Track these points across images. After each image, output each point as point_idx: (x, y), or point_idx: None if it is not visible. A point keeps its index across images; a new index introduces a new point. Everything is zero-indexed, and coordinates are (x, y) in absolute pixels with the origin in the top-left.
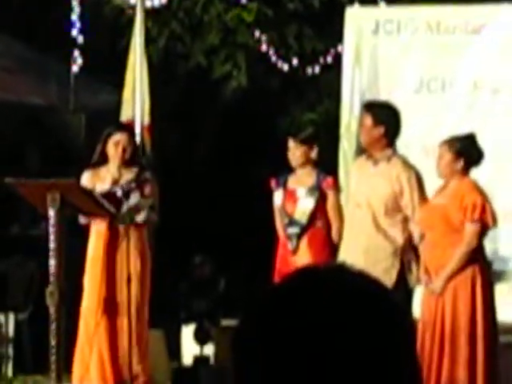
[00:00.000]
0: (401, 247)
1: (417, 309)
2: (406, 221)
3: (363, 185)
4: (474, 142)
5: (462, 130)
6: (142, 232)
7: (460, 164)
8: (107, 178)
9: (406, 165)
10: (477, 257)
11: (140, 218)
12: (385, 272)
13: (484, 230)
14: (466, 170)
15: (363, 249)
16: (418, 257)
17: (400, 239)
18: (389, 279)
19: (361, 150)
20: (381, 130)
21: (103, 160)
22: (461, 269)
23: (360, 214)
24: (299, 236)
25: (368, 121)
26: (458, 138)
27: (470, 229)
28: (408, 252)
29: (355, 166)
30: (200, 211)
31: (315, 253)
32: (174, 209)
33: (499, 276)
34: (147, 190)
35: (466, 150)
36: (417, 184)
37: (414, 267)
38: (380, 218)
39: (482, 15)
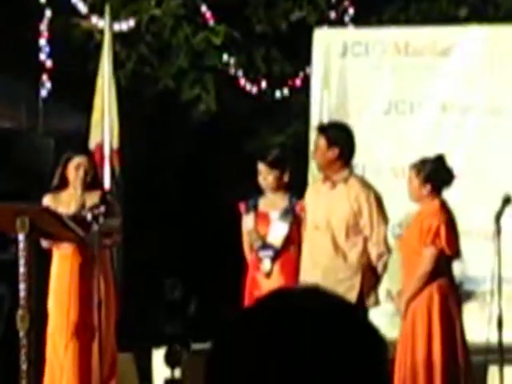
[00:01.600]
0: (360, 268)
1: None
2: (365, 241)
3: (321, 207)
4: (443, 164)
5: (430, 151)
6: (107, 255)
7: (427, 188)
8: (71, 201)
9: (364, 185)
10: (435, 279)
11: (108, 240)
12: (345, 293)
13: (442, 253)
14: (435, 193)
15: (323, 270)
16: (376, 277)
17: (360, 260)
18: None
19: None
20: (335, 151)
21: (63, 184)
22: (419, 292)
23: (318, 236)
24: (273, 259)
25: (322, 143)
26: (426, 161)
27: (425, 252)
28: (367, 273)
29: (311, 190)
30: (170, 234)
31: (288, 276)
32: (144, 232)
33: (469, 296)
34: (111, 212)
35: (434, 174)
36: (376, 203)
37: (372, 288)
38: (339, 240)
39: (450, 37)
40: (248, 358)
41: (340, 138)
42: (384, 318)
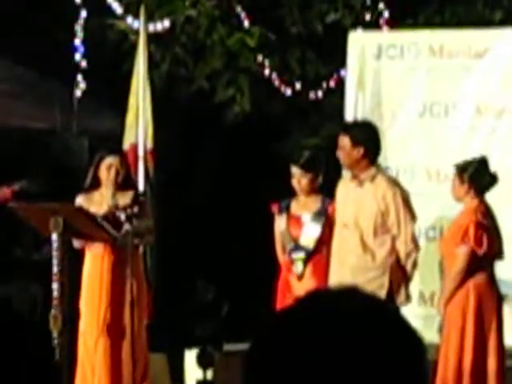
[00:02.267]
0: (389, 267)
1: None
2: (393, 240)
3: (350, 205)
4: (486, 166)
5: (464, 153)
6: (138, 255)
7: (469, 190)
8: (103, 201)
9: (391, 183)
10: (470, 279)
11: (139, 240)
12: (374, 292)
13: (473, 252)
14: (476, 194)
15: (351, 269)
16: (405, 276)
17: (388, 259)
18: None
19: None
20: (360, 150)
21: (96, 184)
22: (454, 292)
23: (347, 235)
24: (305, 261)
25: (347, 142)
26: (470, 163)
27: (456, 252)
28: (396, 271)
29: (340, 187)
30: (203, 235)
31: (320, 278)
32: (177, 233)
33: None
34: (144, 213)
35: (477, 176)
36: (402, 202)
37: (402, 287)
38: (368, 239)
39: (485, 40)
40: (287, 359)
41: (364, 136)
42: (417, 320)
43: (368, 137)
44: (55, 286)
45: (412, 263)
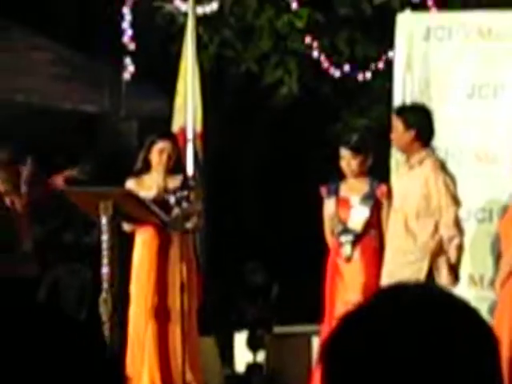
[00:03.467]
0: (431, 251)
1: None
2: (436, 224)
3: (399, 189)
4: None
5: None
6: (189, 239)
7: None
8: (153, 185)
9: (436, 167)
10: None
11: (189, 224)
12: (412, 275)
13: None
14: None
15: (392, 251)
16: (448, 260)
17: (429, 242)
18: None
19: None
20: (412, 133)
21: (146, 168)
22: (509, 276)
23: (394, 218)
24: (353, 244)
25: (399, 125)
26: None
27: None
28: (438, 255)
29: (394, 171)
30: (252, 218)
31: (368, 261)
32: (226, 216)
33: None
34: (194, 196)
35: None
36: (444, 186)
37: (443, 271)
38: (411, 222)
39: None
40: (367, 354)
41: (417, 119)
42: (477, 303)
43: (420, 120)
44: (105, 269)
45: (456, 247)
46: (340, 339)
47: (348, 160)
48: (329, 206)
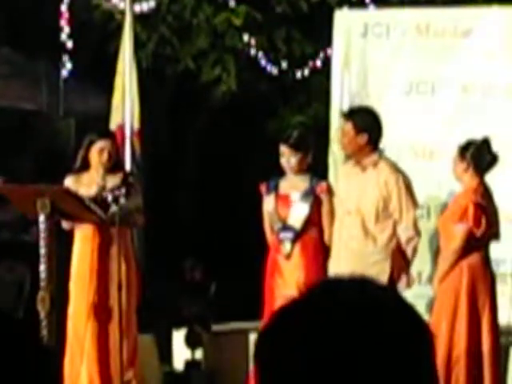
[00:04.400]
0: (390, 252)
1: None
2: (395, 226)
3: (352, 191)
4: (488, 147)
5: (451, 132)
6: (128, 236)
7: (470, 170)
8: (92, 184)
9: (394, 169)
10: (464, 258)
11: (127, 220)
12: (375, 277)
13: (472, 233)
14: (477, 175)
15: (353, 255)
16: (406, 261)
17: (389, 244)
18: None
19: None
20: (364, 137)
21: (85, 166)
22: (449, 271)
23: (349, 220)
24: (293, 241)
25: (350, 129)
26: (471, 144)
27: (454, 230)
28: (397, 257)
29: (342, 173)
30: (190, 215)
31: (308, 258)
32: (165, 212)
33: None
34: (133, 193)
35: (478, 156)
36: (405, 188)
37: (403, 272)
38: (369, 224)
39: (472, 18)
40: (295, 351)
41: (368, 123)
42: (414, 300)
43: (371, 123)
44: (42, 267)
45: (412, 249)
46: (272, 333)
47: (288, 157)
48: (268, 203)
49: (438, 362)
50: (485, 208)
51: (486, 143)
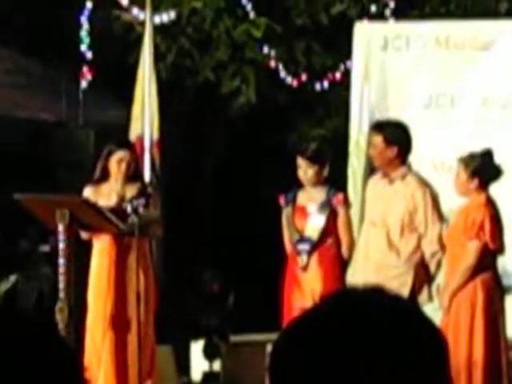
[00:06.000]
0: (413, 265)
1: None
2: (420, 239)
3: (379, 203)
4: (491, 159)
5: (470, 145)
6: (146, 247)
7: (475, 182)
8: (111, 194)
9: (421, 182)
10: (479, 274)
11: (147, 231)
12: (397, 290)
13: (485, 247)
14: (482, 187)
15: (375, 266)
16: (428, 275)
17: (413, 257)
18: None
19: (371, 168)
20: (394, 150)
21: (104, 176)
22: (463, 286)
23: (374, 232)
24: (310, 253)
25: (380, 142)
26: (475, 156)
27: (469, 246)
28: (420, 270)
29: (370, 185)
30: (209, 226)
31: (325, 269)
32: (183, 224)
33: (508, 291)
34: (152, 204)
35: (482, 168)
36: (431, 202)
37: (425, 285)
38: (394, 237)
39: (492, 31)
40: (310, 361)
41: (398, 136)
42: (434, 312)
43: (401, 136)
44: (61, 277)
45: (436, 263)
46: (285, 345)
47: (305, 169)
48: (286, 214)
49: (457, 372)
50: (499, 222)
51: (488, 155)
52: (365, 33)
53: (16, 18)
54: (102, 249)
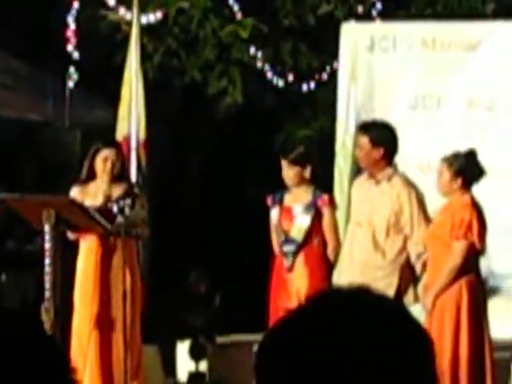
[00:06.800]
0: (399, 266)
1: None
2: (405, 240)
3: (364, 204)
4: (475, 159)
5: (456, 146)
6: (133, 247)
7: (458, 182)
8: (97, 194)
9: (407, 183)
10: (464, 274)
11: (134, 232)
12: (382, 290)
13: (472, 247)
14: (465, 188)
15: (361, 267)
16: (414, 276)
17: (398, 258)
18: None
19: (357, 169)
20: (380, 151)
21: (91, 176)
22: (448, 286)
23: (360, 233)
24: (295, 254)
25: (366, 143)
26: (458, 156)
27: (456, 246)
28: (405, 271)
29: (356, 185)
30: (195, 227)
31: (311, 270)
32: (169, 225)
33: (495, 292)
34: (138, 204)
35: (466, 168)
36: (417, 203)
37: (410, 286)
38: (380, 237)
39: (478, 32)
40: (294, 362)
41: (384, 137)
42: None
43: (387, 137)
44: (47, 277)
45: (422, 264)
46: (270, 345)
47: (285, 171)
48: (273, 215)
49: (441, 372)
50: (484, 223)
51: (472, 155)
52: (351, 33)
53: (2, 18)
54: (88, 249)
